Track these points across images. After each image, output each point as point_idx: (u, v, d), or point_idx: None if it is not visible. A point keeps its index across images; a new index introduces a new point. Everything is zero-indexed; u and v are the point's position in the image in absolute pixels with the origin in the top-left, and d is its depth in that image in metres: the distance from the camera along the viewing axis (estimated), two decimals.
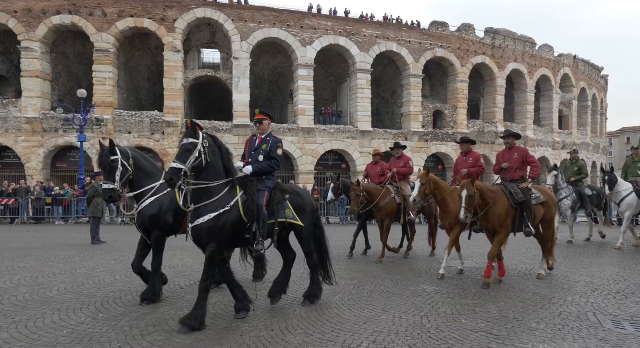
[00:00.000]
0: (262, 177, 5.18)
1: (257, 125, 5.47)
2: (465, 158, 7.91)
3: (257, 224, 4.82)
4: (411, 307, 5.36)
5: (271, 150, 5.29)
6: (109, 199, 5.35)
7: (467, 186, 6.14)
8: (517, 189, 6.66)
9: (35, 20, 22.93)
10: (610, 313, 5.08)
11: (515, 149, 7.28)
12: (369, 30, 27.47)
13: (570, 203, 11.50)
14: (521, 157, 7.13)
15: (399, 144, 9.70)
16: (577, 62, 37.60)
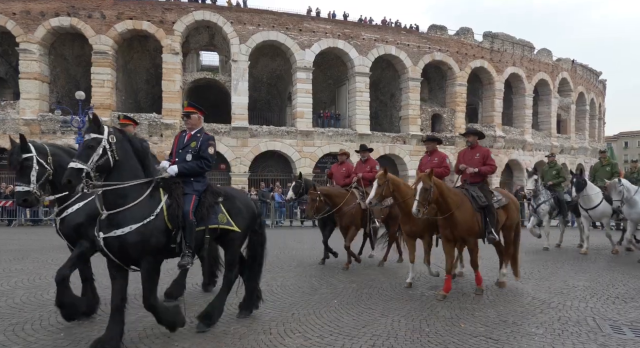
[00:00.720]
0: (189, 178, 4.59)
1: (185, 119, 4.91)
2: (430, 157, 7.33)
3: (182, 232, 4.23)
4: (410, 311, 5.34)
5: (201, 149, 4.75)
6: (24, 203, 4.47)
7: (423, 178, 5.62)
8: (479, 192, 6.21)
9: (34, 22, 22.92)
10: (610, 318, 5.07)
11: (477, 148, 6.75)
12: (368, 33, 27.54)
13: (547, 208, 11.11)
14: (482, 157, 6.59)
15: (365, 146, 9.14)
16: (575, 66, 37.75)
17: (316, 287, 6.67)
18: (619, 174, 10.55)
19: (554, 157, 12.52)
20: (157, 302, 4.26)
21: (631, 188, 9.41)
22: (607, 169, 11.05)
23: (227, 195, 4.81)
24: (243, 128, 24.87)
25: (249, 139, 25.14)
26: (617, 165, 11.44)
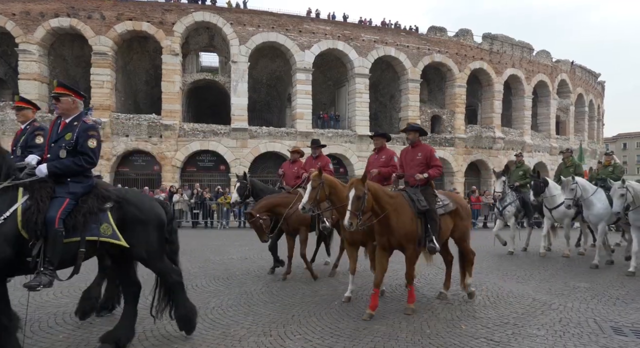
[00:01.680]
0: (65, 179, 3.76)
1: (55, 102, 3.96)
2: (377, 155, 6.69)
3: (43, 244, 3.47)
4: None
5: (78, 142, 3.82)
6: None
7: (356, 185, 4.98)
8: (420, 195, 5.47)
9: (33, 23, 22.89)
10: (611, 320, 5.06)
11: (420, 147, 5.96)
12: (367, 34, 27.55)
13: (513, 210, 10.68)
14: (425, 158, 5.82)
15: (317, 141, 8.11)
16: (574, 68, 37.80)
17: (316, 288, 6.65)
18: (582, 176, 10.06)
19: (522, 156, 12.00)
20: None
21: (588, 188, 8.86)
22: (570, 170, 10.42)
23: (119, 200, 3.92)
24: (242, 129, 24.85)
25: (248, 140, 25.12)
26: (581, 166, 10.87)
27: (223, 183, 23.33)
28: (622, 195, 7.58)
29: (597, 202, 8.71)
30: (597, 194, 8.81)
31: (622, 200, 7.60)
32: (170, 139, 23.98)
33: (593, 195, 8.77)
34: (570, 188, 8.63)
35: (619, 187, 7.65)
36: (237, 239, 13.49)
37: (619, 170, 10.21)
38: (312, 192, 5.53)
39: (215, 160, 25.41)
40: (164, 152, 23.92)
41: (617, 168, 10.33)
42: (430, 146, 6.11)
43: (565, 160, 10.81)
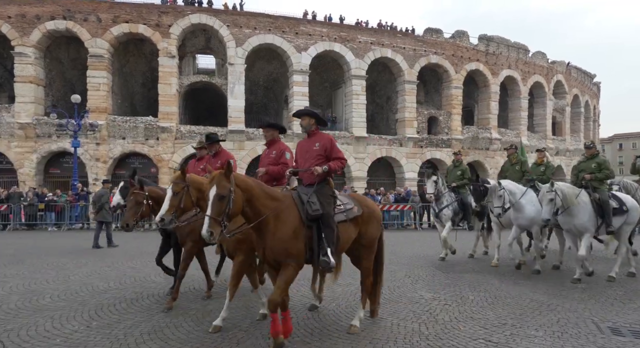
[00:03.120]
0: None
1: None
2: (268, 151, 5.62)
3: None
4: (409, 314, 5.32)
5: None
6: None
7: (217, 181, 3.80)
8: (313, 197, 4.36)
9: (29, 26, 22.83)
10: (609, 320, 5.07)
11: (317, 136, 4.84)
12: (364, 36, 27.59)
13: (450, 213, 9.80)
14: (323, 148, 4.71)
15: (213, 136, 6.50)
16: (570, 69, 37.96)
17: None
18: (529, 172, 9.39)
19: (461, 155, 11.10)
20: None
21: (516, 191, 8.23)
22: (516, 167, 9.74)
23: None
24: (240, 131, 24.83)
25: (245, 142, 25.11)
26: (526, 162, 10.02)
27: None
28: (551, 200, 7.00)
29: (527, 204, 8.10)
30: (526, 196, 8.19)
31: (551, 205, 7.01)
32: (167, 141, 23.93)
33: (522, 198, 8.14)
34: (498, 195, 8.12)
35: (547, 191, 7.07)
36: None
37: (550, 170, 9.37)
38: (173, 198, 4.57)
39: None
40: (160, 154, 23.87)
41: (549, 168, 9.45)
42: (329, 135, 4.95)
43: (510, 157, 9.99)
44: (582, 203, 7.26)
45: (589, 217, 7.24)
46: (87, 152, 23.06)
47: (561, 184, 7.29)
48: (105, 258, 9.76)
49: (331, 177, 4.79)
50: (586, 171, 7.89)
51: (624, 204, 7.63)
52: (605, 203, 7.41)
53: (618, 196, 7.79)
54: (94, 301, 5.90)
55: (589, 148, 8.24)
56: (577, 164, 8.70)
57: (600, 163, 7.89)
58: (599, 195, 7.47)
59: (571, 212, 7.19)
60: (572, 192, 7.23)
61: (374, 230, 4.95)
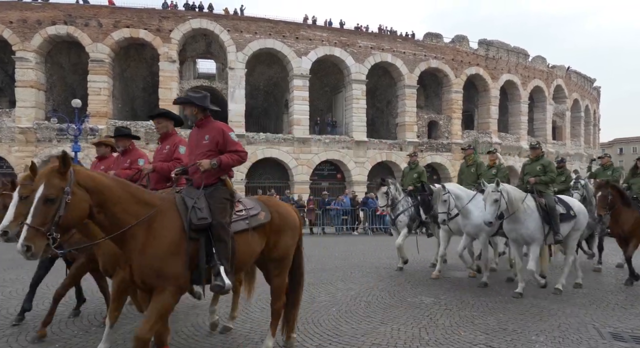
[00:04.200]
0: None
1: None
2: (161, 146, 4.74)
3: None
4: (409, 319, 5.30)
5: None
6: None
7: (46, 177, 2.91)
8: (203, 201, 3.54)
9: (30, 31, 22.91)
10: (610, 326, 5.04)
11: (207, 126, 3.94)
12: (364, 41, 27.68)
13: (406, 219, 8.98)
14: (213, 140, 3.85)
15: (124, 130, 5.47)
16: (570, 73, 38.05)
17: (314, 295, 6.62)
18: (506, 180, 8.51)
19: (416, 156, 10.11)
20: None
21: (463, 196, 7.55)
22: (472, 170, 8.97)
23: None
24: (240, 135, 24.81)
25: (245, 146, 24.92)
26: (483, 164, 9.09)
27: None
28: (496, 201, 6.36)
29: (475, 209, 7.35)
30: (475, 201, 7.45)
31: (495, 207, 6.35)
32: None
33: (470, 203, 7.44)
34: (443, 199, 7.43)
35: (492, 191, 6.43)
36: None
37: (502, 173, 8.65)
38: (19, 205, 3.50)
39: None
40: None
41: (501, 170, 8.75)
42: (221, 124, 3.99)
43: (467, 158, 9.18)
44: (528, 209, 6.61)
45: (535, 224, 6.58)
46: (88, 156, 23.03)
47: (508, 186, 6.67)
48: None
49: (229, 175, 3.93)
50: (531, 174, 7.28)
51: (571, 209, 6.99)
52: (552, 209, 6.76)
53: (564, 200, 7.15)
54: (93, 306, 5.89)
55: (534, 148, 7.55)
56: (523, 166, 7.94)
57: (546, 165, 7.27)
58: (545, 200, 6.82)
59: (517, 218, 6.54)
60: (518, 195, 6.61)
61: (287, 240, 4.08)
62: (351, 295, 6.56)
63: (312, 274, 8.31)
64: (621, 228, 7.50)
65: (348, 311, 5.68)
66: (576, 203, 7.26)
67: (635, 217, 7.46)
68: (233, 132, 4.01)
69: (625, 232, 7.46)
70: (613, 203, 7.46)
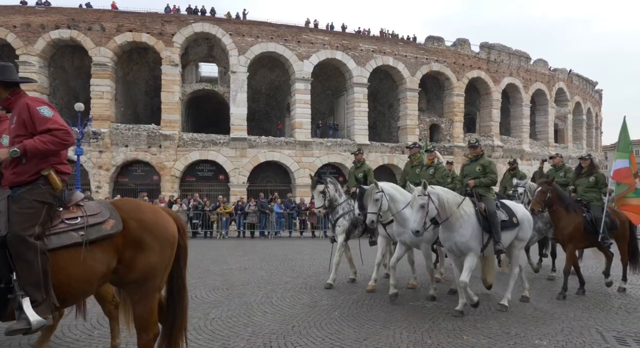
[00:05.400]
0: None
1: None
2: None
3: None
4: (412, 323, 5.29)
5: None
6: None
7: None
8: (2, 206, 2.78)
9: (34, 35, 23.04)
10: (613, 329, 5.02)
11: (16, 107, 3.01)
12: (366, 44, 27.73)
13: (346, 224, 7.79)
14: (20, 122, 2.94)
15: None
16: (572, 76, 38.03)
17: (317, 298, 6.61)
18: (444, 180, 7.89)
19: (362, 153, 9.10)
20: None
21: (399, 199, 6.47)
22: (416, 170, 8.00)
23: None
24: (242, 139, 24.89)
25: (247, 149, 25.15)
26: (443, 169, 8.23)
27: (222, 193, 23.29)
28: (423, 207, 5.47)
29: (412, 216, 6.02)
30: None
31: (422, 213, 5.47)
32: (170, 149, 23.99)
33: (408, 208, 6.24)
34: (375, 198, 6.29)
35: (418, 195, 5.54)
36: (236, 249, 13.46)
37: (440, 173, 7.66)
38: None
39: (214, 169, 25.42)
40: (163, 162, 23.92)
41: (439, 170, 7.74)
42: (31, 97, 3.08)
43: (412, 158, 8.14)
44: (464, 215, 5.75)
45: (472, 232, 5.72)
46: (90, 159, 23.13)
47: (439, 188, 5.82)
48: None
49: (58, 170, 3.02)
50: (470, 176, 6.54)
51: (514, 215, 6.26)
52: (492, 214, 5.97)
53: (507, 205, 6.42)
54: (96, 309, 5.86)
55: (473, 147, 6.74)
56: (462, 167, 7.12)
57: (486, 165, 6.51)
58: (484, 205, 6.04)
59: (451, 225, 5.70)
60: (452, 199, 5.74)
61: (151, 257, 3.09)
62: (353, 299, 6.55)
63: (314, 277, 8.31)
64: (561, 233, 6.96)
65: (350, 314, 5.67)
66: (520, 209, 6.60)
67: (576, 223, 6.88)
68: (46, 105, 2.96)
69: (564, 236, 6.91)
70: (551, 202, 6.85)
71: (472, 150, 6.76)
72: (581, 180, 7.68)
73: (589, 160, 7.75)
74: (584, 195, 7.45)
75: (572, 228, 6.81)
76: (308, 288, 7.37)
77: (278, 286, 7.47)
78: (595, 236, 6.96)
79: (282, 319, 5.43)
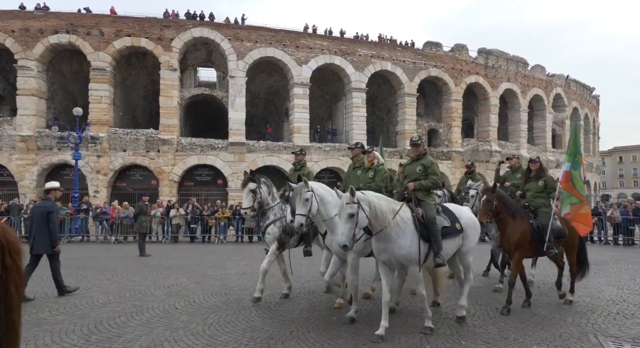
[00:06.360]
0: None
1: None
2: None
3: None
4: (410, 328, 5.28)
5: None
6: None
7: None
8: None
9: (33, 40, 23.06)
10: (611, 335, 5.03)
11: None
12: (364, 49, 27.85)
13: (277, 231, 6.86)
14: None
15: None
16: (569, 82, 38.22)
17: (315, 303, 6.61)
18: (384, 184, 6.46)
19: (304, 154, 8.06)
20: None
21: (330, 202, 5.67)
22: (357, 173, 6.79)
23: None
24: (240, 143, 24.90)
25: (246, 154, 25.17)
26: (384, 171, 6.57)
27: (221, 197, 23.27)
28: (352, 217, 4.65)
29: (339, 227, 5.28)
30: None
31: (351, 224, 4.65)
32: (168, 153, 23.98)
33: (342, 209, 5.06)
34: (304, 198, 5.54)
35: (347, 203, 4.70)
36: (234, 254, 13.44)
37: (380, 176, 6.43)
38: None
39: (212, 174, 25.42)
40: (161, 166, 23.90)
41: (379, 173, 6.47)
42: None
43: (355, 159, 6.95)
44: (401, 223, 4.99)
45: (410, 241, 4.98)
46: (88, 164, 23.10)
47: (371, 194, 4.98)
48: (105, 272, 9.72)
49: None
50: (411, 177, 5.78)
51: (457, 220, 5.59)
52: (430, 221, 5.24)
53: (451, 210, 5.76)
54: (94, 314, 5.87)
55: (416, 145, 5.91)
56: (402, 168, 6.40)
57: (427, 166, 5.72)
58: (422, 211, 5.32)
59: (387, 235, 4.91)
60: (386, 206, 4.94)
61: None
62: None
63: (313, 282, 8.31)
64: (508, 241, 6.36)
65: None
66: (465, 214, 5.92)
67: (523, 230, 6.28)
68: None
69: (511, 245, 6.32)
70: (498, 211, 6.24)
71: (414, 149, 5.95)
72: (530, 185, 7.15)
73: (538, 163, 7.28)
74: (533, 201, 6.90)
75: (519, 237, 6.24)
76: (306, 293, 7.36)
77: (276, 291, 7.45)
78: (542, 245, 6.38)
79: (281, 324, 5.42)
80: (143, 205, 14.22)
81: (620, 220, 16.52)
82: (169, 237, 17.81)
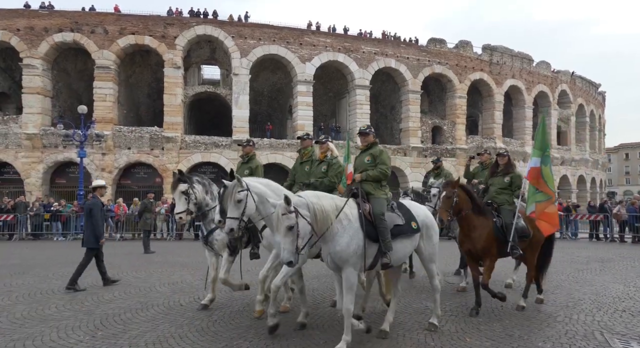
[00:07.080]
0: None
1: None
2: None
3: None
4: (414, 325, 5.28)
5: None
6: None
7: None
8: None
9: (37, 38, 23.16)
10: (618, 332, 5.00)
11: None
12: (368, 46, 27.77)
13: (225, 236, 5.91)
14: None
15: None
16: (575, 78, 37.96)
17: (319, 301, 6.61)
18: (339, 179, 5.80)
19: (252, 145, 7.28)
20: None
21: (270, 197, 4.75)
22: (305, 168, 6.33)
23: None
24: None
25: None
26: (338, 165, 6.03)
27: None
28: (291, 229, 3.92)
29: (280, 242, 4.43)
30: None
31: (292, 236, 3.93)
32: (172, 151, 24.05)
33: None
34: (237, 199, 4.78)
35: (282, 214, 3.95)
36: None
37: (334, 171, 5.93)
38: None
39: (216, 171, 25.43)
40: (165, 164, 23.97)
41: (333, 167, 5.96)
42: None
43: (302, 152, 6.50)
44: (344, 220, 4.36)
45: (349, 239, 4.31)
46: (93, 162, 23.20)
47: (309, 195, 4.28)
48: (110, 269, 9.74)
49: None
50: (359, 169, 5.15)
51: (414, 219, 4.96)
52: (379, 218, 4.61)
53: (405, 207, 5.13)
54: (99, 311, 5.90)
55: (364, 134, 5.24)
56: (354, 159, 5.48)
57: (376, 155, 5.10)
58: (369, 207, 4.70)
59: (331, 235, 4.27)
60: (329, 205, 4.27)
61: None
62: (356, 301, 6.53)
63: (317, 280, 8.30)
64: (473, 244, 5.86)
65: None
66: (422, 211, 5.24)
67: (487, 232, 5.83)
68: None
69: (478, 250, 5.85)
70: (459, 208, 5.72)
71: (362, 139, 5.25)
72: (495, 180, 6.63)
73: (506, 157, 6.84)
74: (496, 197, 6.41)
75: (485, 241, 5.78)
76: (310, 290, 7.36)
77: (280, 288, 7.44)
78: (505, 245, 5.88)
79: (285, 321, 5.42)
80: (148, 203, 14.37)
81: (626, 217, 16.43)
82: (174, 234, 17.87)
